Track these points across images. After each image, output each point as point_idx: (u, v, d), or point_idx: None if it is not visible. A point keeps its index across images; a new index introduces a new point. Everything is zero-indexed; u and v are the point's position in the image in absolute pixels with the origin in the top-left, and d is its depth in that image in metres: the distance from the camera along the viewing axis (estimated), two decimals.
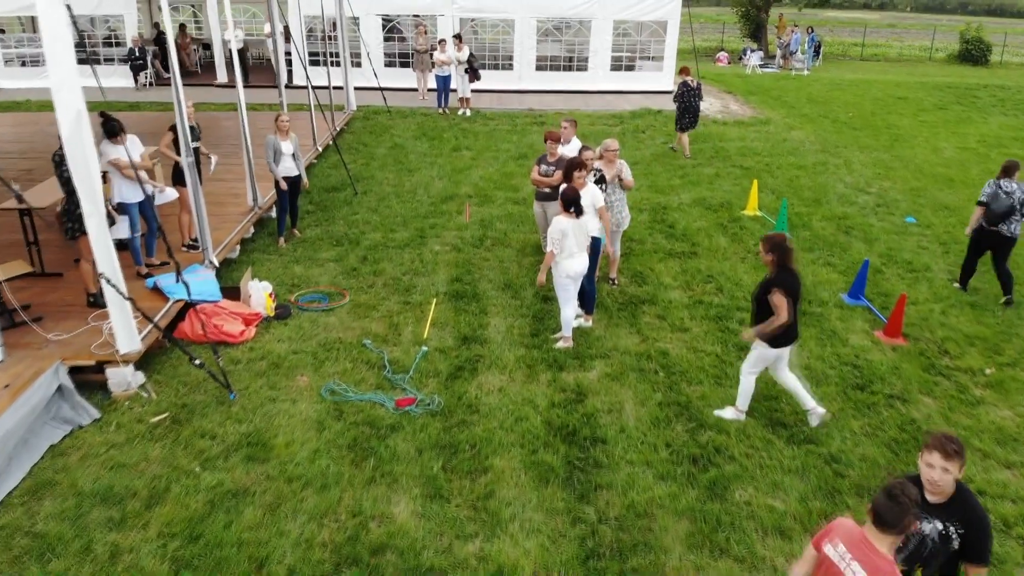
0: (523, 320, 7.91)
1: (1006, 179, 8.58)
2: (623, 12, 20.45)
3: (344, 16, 16.84)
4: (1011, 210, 8.46)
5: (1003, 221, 8.54)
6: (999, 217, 8.53)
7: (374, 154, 14.51)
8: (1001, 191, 8.52)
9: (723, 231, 10.81)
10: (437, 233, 10.43)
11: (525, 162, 14.15)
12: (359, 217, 10.92)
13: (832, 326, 8.06)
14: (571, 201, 6.95)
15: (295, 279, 8.82)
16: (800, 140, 16.74)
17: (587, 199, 7.40)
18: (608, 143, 8.47)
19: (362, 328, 7.66)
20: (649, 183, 13.00)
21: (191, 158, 8.01)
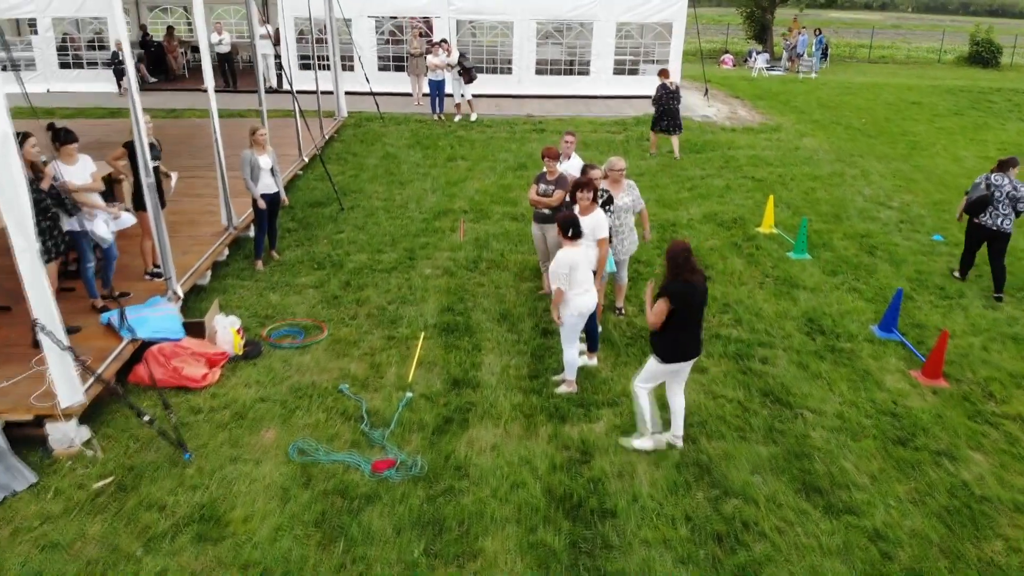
0: (520, 358, 7.09)
1: (998, 173, 8.71)
2: (626, 14, 19.63)
3: (334, 18, 16.03)
4: (985, 201, 8.61)
5: (981, 213, 8.69)
6: (972, 206, 8.77)
7: (364, 164, 13.70)
8: (984, 183, 8.74)
9: (737, 251, 9.99)
10: (428, 254, 9.62)
11: (524, 173, 13.34)
12: (344, 236, 10.11)
13: (864, 365, 7.24)
14: (568, 225, 6.14)
15: (270, 309, 8.00)
16: (813, 148, 15.92)
17: (589, 226, 6.59)
18: (614, 161, 7.67)
19: (340, 369, 6.85)
20: (656, 196, 12.18)
21: (151, 179, 7.19)
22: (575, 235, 6.10)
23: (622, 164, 7.66)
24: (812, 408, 6.47)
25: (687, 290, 5.46)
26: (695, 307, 5.54)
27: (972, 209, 8.79)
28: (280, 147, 13.71)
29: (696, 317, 5.61)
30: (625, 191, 7.73)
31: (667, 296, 5.48)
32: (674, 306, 5.45)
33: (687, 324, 5.55)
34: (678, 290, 5.46)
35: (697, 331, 5.67)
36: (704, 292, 5.58)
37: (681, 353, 5.63)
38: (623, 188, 7.73)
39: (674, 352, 5.61)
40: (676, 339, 5.57)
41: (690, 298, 5.48)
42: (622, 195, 7.68)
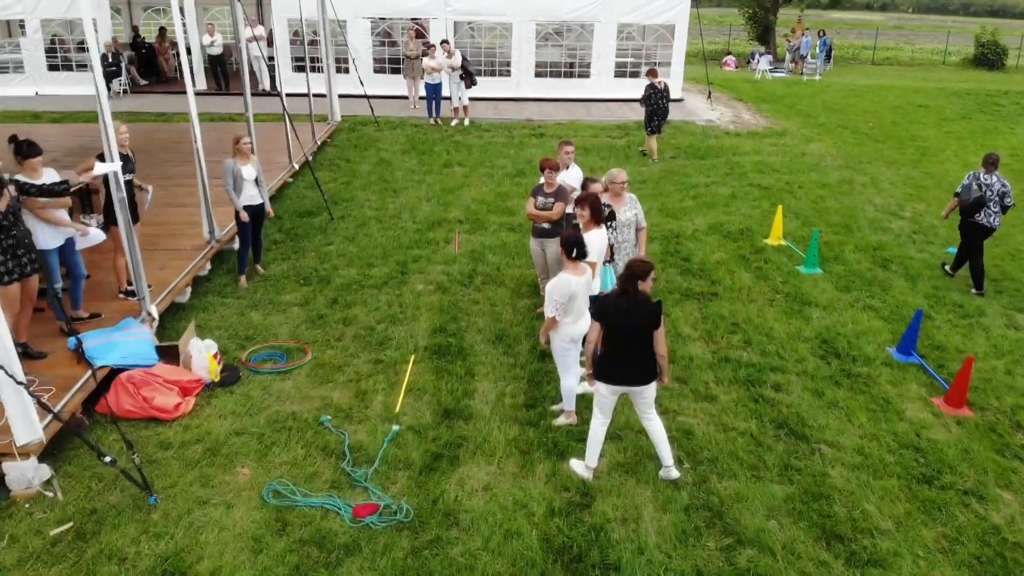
0: (516, 384, 6.63)
1: (986, 172, 8.75)
2: (628, 15, 19.18)
3: (327, 18, 15.57)
4: (981, 201, 8.67)
5: (976, 212, 8.72)
6: (969, 207, 8.74)
7: (357, 171, 13.24)
8: (975, 183, 8.75)
9: (745, 265, 9.53)
10: (421, 267, 9.16)
11: (522, 180, 12.88)
12: (333, 248, 9.65)
13: (883, 392, 6.78)
14: (573, 245, 5.67)
15: (251, 329, 7.54)
16: (820, 154, 15.47)
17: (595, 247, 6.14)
18: (615, 173, 7.21)
19: (322, 398, 6.39)
20: (659, 205, 11.73)
21: (121, 193, 6.73)
22: (579, 255, 5.64)
23: (624, 176, 7.20)
24: (830, 442, 6.01)
25: (611, 310, 5.12)
26: (625, 330, 5.10)
27: (970, 210, 8.76)
28: (270, 153, 13.30)
29: (631, 341, 5.12)
30: (627, 205, 7.28)
31: (594, 313, 5.22)
32: (599, 323, 5.16)
33: (618, 346, 5.15)
34: (601, 308, 5.18)
35: (637, 356, 5.13)
36: (644, 316, 5.06)
37: (614, 376, 5.23)
38: (625, 202, 7.27)
39: (607, 374, 5.25)
40: (608, 360, 5.21)
41: (615, 319, 5.10)
42: (624, 209, 7.23)
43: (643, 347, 5.15)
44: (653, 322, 5.09)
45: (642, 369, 5.20)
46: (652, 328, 5.10)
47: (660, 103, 14.23)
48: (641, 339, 5.13)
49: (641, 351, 5.15)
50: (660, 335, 5.13)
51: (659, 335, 5.12)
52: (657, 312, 5.10)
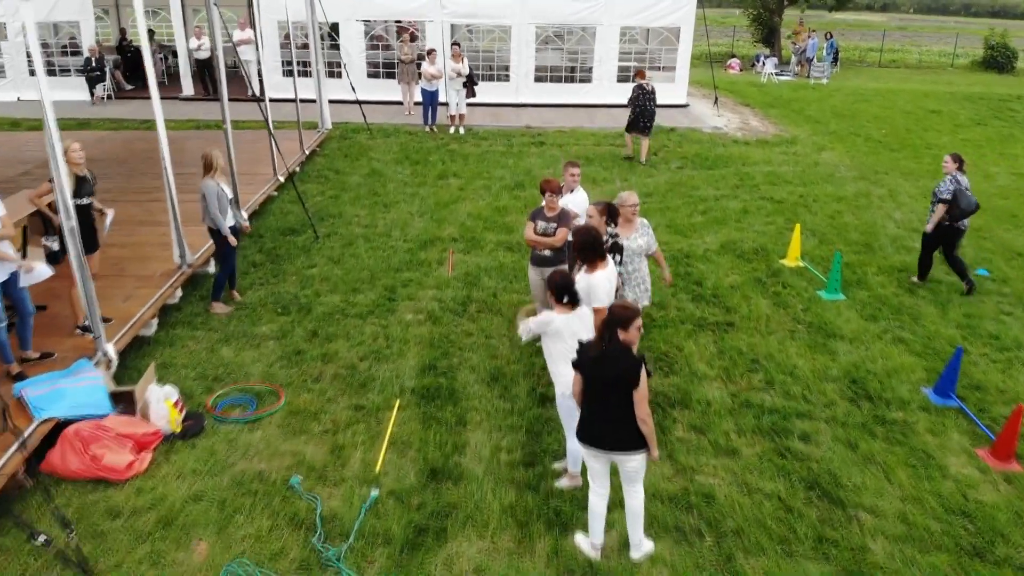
0: (514, 436, 5.92)
1: (961, 173, 8.63)
2: (631, 18, 18.47)
3: (316, 21, 14.85)
4: (977, 206, 8.53)
5: (970, 216, 8.56)
6: (967, 214, 8.51)
7: (346, 183, 12.53)
8: (963, 186, 8.53)
9: (762, 290, 8.82)
10: (411, 293, 8.45)
11: (521, 193, 12.18)
12: (316, 271, 8.94)
13: (923, 443, 6.07)
14: (562, 289, 4.94)
15: (220, 368, 6.83)
16: (834, 164, 14.76)
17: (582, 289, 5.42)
18: (625, 197, 6.51)
19: (294, 453, 5.68)
20: (667, 221, 11.02)
21: (72, 222, 6.01)
22: (571, 302, 4.91)
23: (635, 199, 6.50)
24: (868, 507, 5.30)
25: (586, 360, 4.43)
26: (600, 385, 4.38)
27: (964, 214, 8.54)
28: (254, 164, 12.59)
29: (607, 399, 4.39)
30: (638, 231, 6.58)
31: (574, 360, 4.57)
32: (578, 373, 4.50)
33: (593, 404, 4.45)
34: (579, 356, 4.50)
35: (616, 418, 4.38)
36: (622, 372, 4.30)
37: (586, 434, 4.52)
38: (635, 228, 6.57)
39: (585, 434, 4.54)
40: (586, 419, 4.53)
41: (590, 369, 4.40)
42: (635, 236, 6.52)
43: (621, 407, 4.36)
44: (632, 380, 4.30)
45: (621, 434, 4.41)
46: (631, 387, 4.31)
47: (647, 105, 13.83)
48: (618, 398, 4.35)
49: (619, 412, 4.38)
50: (640, 396, 4.32)
51: (639, 396, 4.32)
52: (636, 368, 4.30)
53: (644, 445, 4.42)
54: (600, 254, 5.56)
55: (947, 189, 8.54)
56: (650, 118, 14.03)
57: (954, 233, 8.68)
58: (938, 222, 8.61)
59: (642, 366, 4.31)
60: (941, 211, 8.55)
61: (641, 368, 4.30)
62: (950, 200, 8.48)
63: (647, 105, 13.86)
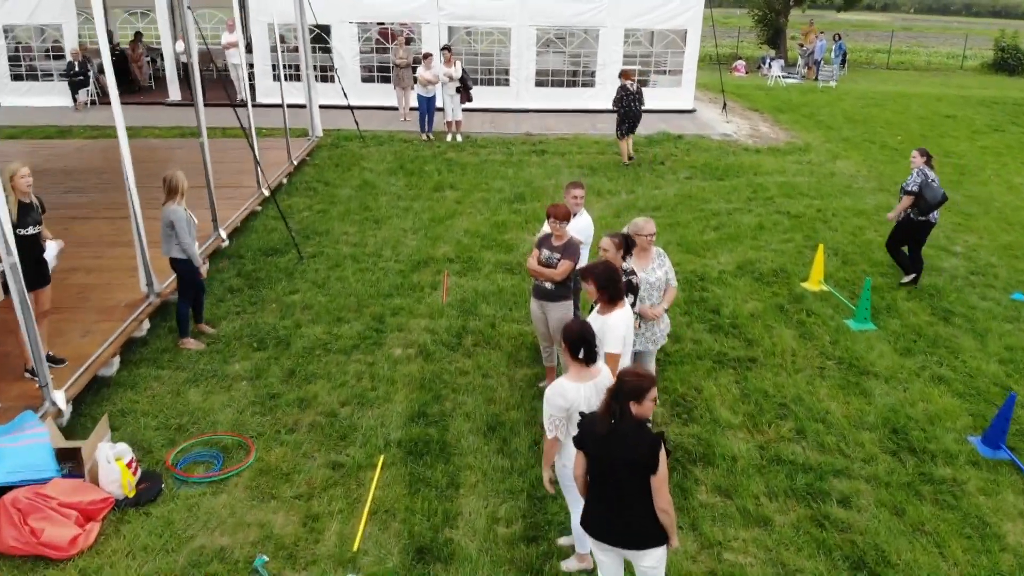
0: (513, 503, 5.19)
1: (929, 167, 8.61)
2: (635, 20, 17.74)
3: (306, 23, 14.13)
4: (945, 197, 8.51)
5: (936, 209, 8.56)
6: (934, 206, 8.51)
7: (336, 196, 11.80)
8: (929, 179, 8.50)
9: (785, 318, 8.09)
10: (401, 323, 7.72)
11: (521, 207, 11.45)
12: (298, 298, 8.21)
13: (976, 506, 5.34)
14: (579, 344, 4.16)
15: (185, 416, 6.10)
16: (850, 174, 14.03)
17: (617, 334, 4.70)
18: (641, 224, 5.77)
19: (261, 524, 4.94)
20: (677, 238, 10.29)
21: (13, 258, 5.26)
22: (588, 358, 4.16)
23: (651, 227, 5.76)
24: None
25: (592, 438, 3.69)
26: (609, 469, 3.65)
27: (932, 207, 8.54)
28: (238, 175, 11.86)
29: (617, 486, 3.65)
30: (654, 262, 5.84)
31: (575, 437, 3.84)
32: (581, 452, 3.78)
33: (601, 491, 3.73)
34: (582, 433, 3.77)
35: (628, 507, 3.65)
36: (636, 455, 3.57)
37: (592, 526, 3.80)
38: (652, 259, 5.84)
39: (585, 520, 3.84)
40: (592, 507, 3.82)
41: (596, 450, 3.67)
42: (651, 268, 5.79)
43: (635, 495, 3.62)
44: (648, 464, 3.56)
45: (635, 527, 3.67)
46: (647, 472, 3.57)
47: (632, 106, 13.59)
48: (632, 485, 3.61)
49: (632, 500, 3.63)
50: (660, 482, 3.57)
51: (658, 482, 3.57)
52: (654, 449, 3.55)
53: (663, 539, 3.69)
54: (619, 294, 4.83)
55: (913, 182, 8.57)
56: (635, 119, 13.76)
57: (923, 227, 8.70)
58: (907, 217, 8.70)
59: (661, 446, 3.57)
60: (906, 202, 8.62)
61: (660, 449, 3.56)
62: (916, 192, 8.51)
63: (632, 106, 13.58)
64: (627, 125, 13.78)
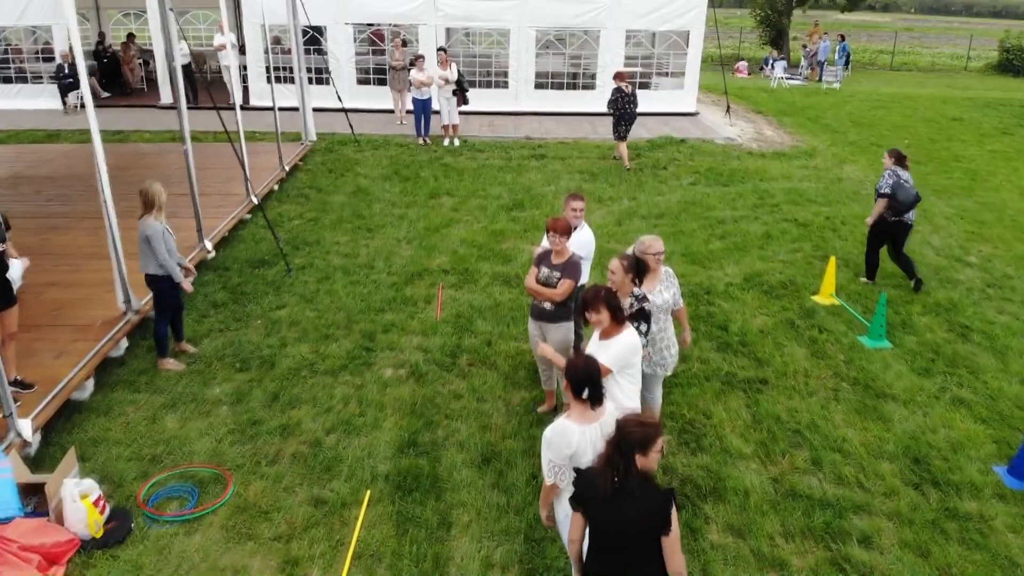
0: (510, 545, 4.81)
1: (900, 168, 8.55)
2: (637, 21, 17.37)
3: (299, 24, 13.76)
4: (918, 198, 8.45)
5: (908, 211, 8.50)
6: (908, 207, 8.45)
7: (328, 204, 11.42)
8: (902, 180, 8.44)
9: (796, 335, 7.71)
10: (392, 341, 7.34)
11: (520, 215, 11.09)
12: (285, 314, 7.83)
13: (1004, 545, 4.96)
14: (584, 383, 3.79)
15: (161, 445, 5.73)
16: (858, 180, 13.65)
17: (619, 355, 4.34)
18: (648, 243, 5.39)
19: (236, 570, 4.56)
20: (682, 248, 9.92)
21: None
22: (593, 398, 3.77)
23: (660, 246, 5.38)
24: None
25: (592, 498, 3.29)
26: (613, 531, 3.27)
27: (904, 208, 8.48)
28: (228, 183, 11.50)
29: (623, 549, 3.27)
30: (663, 283, 5.47)
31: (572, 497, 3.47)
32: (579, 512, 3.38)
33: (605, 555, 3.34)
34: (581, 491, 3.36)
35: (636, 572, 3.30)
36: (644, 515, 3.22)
37: None
38: (660, 279, 5.46)
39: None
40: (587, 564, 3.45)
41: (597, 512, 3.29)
42: (659, 290, 5.41)
43: (644, 559, 3.26)
44: (658, 524, 3.21)
45: None
46: (657, 533, 3.22)
47: (628, 108, 13.34)
48: (641, 549, 3.25)
49: (641, 565, 3.26)
50: (673, 543, 3.22)
51: (671, 544, 3.22)
52: (664, 509, 3.21)
53: None
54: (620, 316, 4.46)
55: (886, 183, 8.50)
56: (630, 122, 13.56)
57: (900, 228, 8.63)
58: (882, 218, 8.63)
59: (671, 504, 3.19)
60: (881, 205, 8.55)
61: (671, 508, 3.18)
62: (889, 194, 8.43)
63: (628, 108, 13.34)
64: (624, 127, 13.60)
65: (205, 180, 11.48)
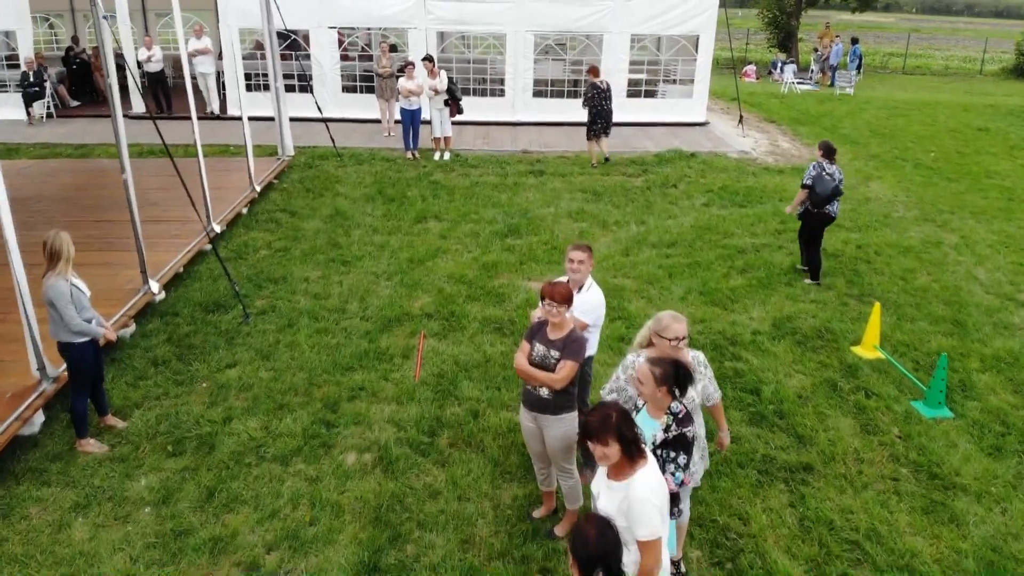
0: None
1: (827, 161, 8.56)
2: (643, 25, 16.16)
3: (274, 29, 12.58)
4: (837, 192, 8.49)
5: (829, 203, 8.52)
6: (825, 200, 8.49)
7: (301, 231, 10.24)
8: (825, 173, 8.48)
9: (840, 401, 6.53)
10: (359, 412, 6.16)
11: (515, 243, 9.92)
12: (235, 374, 6.65)
13: None
14: (598, 561, 2.61)
15: (63, 564, 4.54)
16: (887, 199, 12.47)
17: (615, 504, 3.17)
18: (666, 322, 4.19)
19: None
20: (700, 284, 8.74)
21: None
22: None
23: (682, 329, 4.18)
24: None
25: None
26: None
27: (824, 201, 8.48)
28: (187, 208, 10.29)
29: None
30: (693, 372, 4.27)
31: None
32: None
33: None
34: None
35: None
36: None
37: None
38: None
39: None
40: None
41: None
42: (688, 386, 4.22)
43: None
44: None
45: None
46: None
47: (603, 104, 13.07)
48: None
49: None
50: None
51: None
52: None
53: None
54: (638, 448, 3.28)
55: (808, 175, 8.59)
56: (607, 118, 13.26)
57: (820, 219, 8.65)
58: (806, 210, 8.69)
59: None
60: (802, 196, 8.66)
61: None
62: (810, 186, 8.49)
63: (603, 105, 13.05)
64: (600, 124, 13.20)
65: (165, 204, 10.35)
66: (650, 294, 8.52)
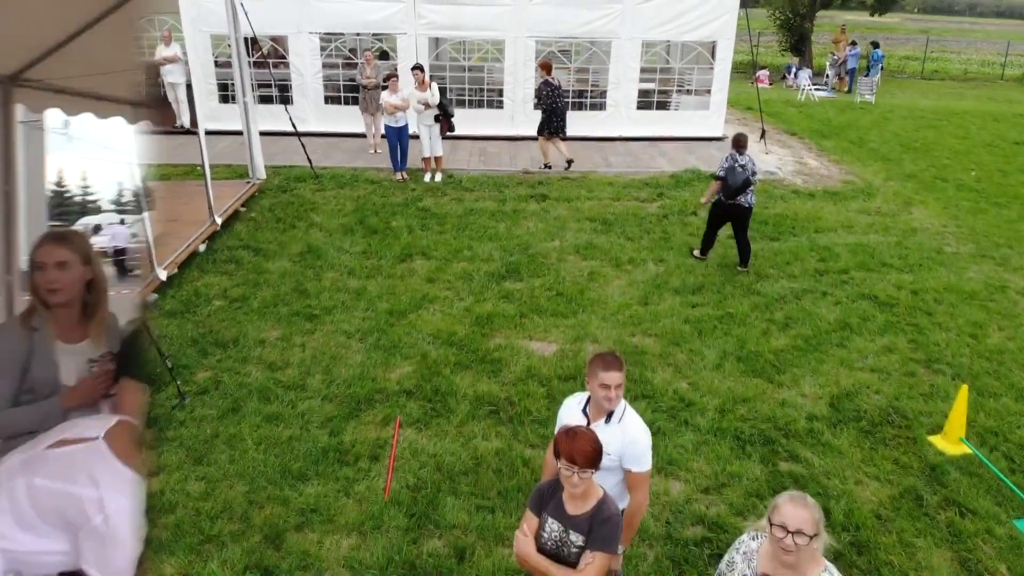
0: None
1: (739, 153, 8.72)
2: (655, 30, 14.70)
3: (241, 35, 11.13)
4: (747, 183, 8.65)
5: (741, 194, 8.69)
6: (736, 191, 8.68)
7: (265, 274, 8.78)
8: (737, 165, 8.67)
9: (928, 522, 5.08)
10: (306, 550, 4.70)
11: (515, 288, 8.47)
12: (156, 487, 5.19)
13: None
14: None
15: None
16: (934, 230, 11.02)
17: None
18: (790, 514, 2.74)
19: None
20: (734, 346, 7.30)
21: None
22: None
23: (805, 520, 2.72)
24: None
25: None
26: None
27: (736, 192, 8.70)
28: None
29: None
30: None
31: None
32: None
33: None
34: None
35: None
36: None
37: None
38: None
39: None
40: None
41: None
42: None
43: None
44: None
45: None
46: None
47: (558, 102, 12.64)
48: None
49: None
50: None
51: None
52: None
53: None
54: None
55: (721, 167, 8.84)
56: (562, 116, 12.75)
57: (736, 210, 8.82)
58: (718, 200, 8.91)
59: None
60: (715, 187, 8.95)
61: None
62: (723, 177, 8.73)
63: (557, 103, 12.60)
64: (555, 123, 12.71)
65: None
66: (677, 359, 7.07)
